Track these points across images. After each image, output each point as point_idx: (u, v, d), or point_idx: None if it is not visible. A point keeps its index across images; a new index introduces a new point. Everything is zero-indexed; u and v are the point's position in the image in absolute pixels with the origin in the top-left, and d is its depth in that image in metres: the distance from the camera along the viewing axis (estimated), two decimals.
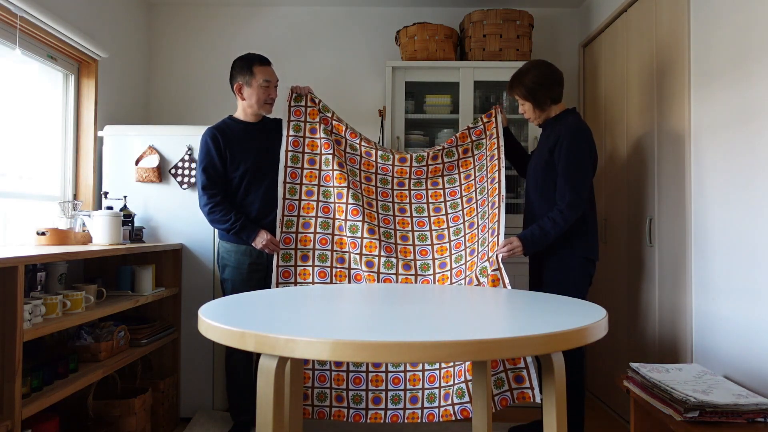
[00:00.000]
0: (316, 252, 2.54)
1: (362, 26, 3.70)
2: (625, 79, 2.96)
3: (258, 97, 2.57)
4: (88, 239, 2.53)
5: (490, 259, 2.34)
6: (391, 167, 2.69)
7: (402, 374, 2.39)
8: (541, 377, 1.49)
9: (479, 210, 2.57)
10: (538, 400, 2.23)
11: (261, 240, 2.48)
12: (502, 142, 2.64)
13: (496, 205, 2.46)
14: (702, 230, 2.24)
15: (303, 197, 2.59)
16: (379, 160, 2.69)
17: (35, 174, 2.66)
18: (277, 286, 2.48)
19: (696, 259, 2.28)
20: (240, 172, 2.56)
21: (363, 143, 2.71)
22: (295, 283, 2.49)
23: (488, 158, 2.65)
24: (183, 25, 3.69)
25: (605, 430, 2.78)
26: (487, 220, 2.49)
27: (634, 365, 2.08)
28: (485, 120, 2.73)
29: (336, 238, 2.56)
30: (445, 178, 2.72)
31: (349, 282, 2.51)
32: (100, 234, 2.47)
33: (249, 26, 3.69)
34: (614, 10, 3.07)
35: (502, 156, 2.59)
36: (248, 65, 2.57)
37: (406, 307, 1.51)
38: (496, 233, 2.40)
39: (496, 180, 2.53)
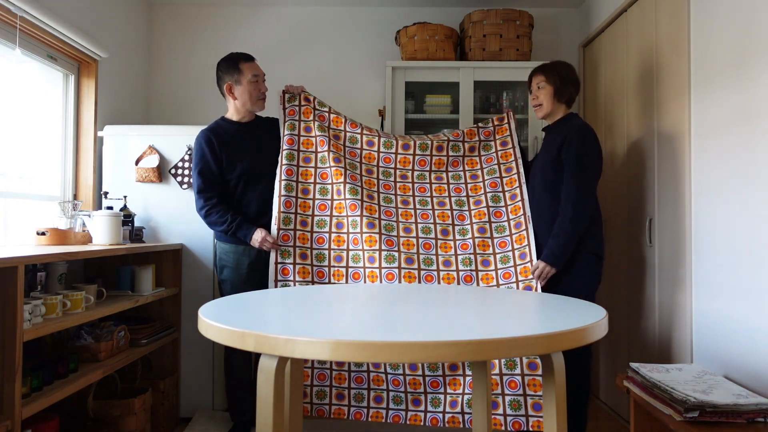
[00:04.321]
0: (314, 251, 2.52)
1: (362, 26, 3.70)
2: (625, 79, 2.96)
3: (250, 93, 2.57)
4: (88, 239, 2.53)
5: (523, 284, 2.40)
6: (393, 156, 2.66)
7: (401, 377, 2.36)
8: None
9: (493, 220, 2.56)
10: None
11: (257, 237, 2.47)
12: (518, 154, 2.65)
13: (523, 226, 2.49)
14: (702, 230, 2.24)
15: (299, 195, 2.58)
16: (381, 149, 2.66)
17: (35, 174, 2.66)
18: (276, 284, 2.47)
19: (696, 259, 2.28)
20: (237, 174, 2.56)
21: (365, 132, 2.69)
22: (294, 282, 2.47)
23: (503, 168, 2.64)
24: (183, 25, 3.69)
25: (605, 430, 2.78)
26: (508, 237, 2.50)
27: (634, 365, 2.08)
28: (496, 123, 2.73)
29: (333, 235, 2.54)
30: (450, 174, 2.69)
31: (347, 281, 2.50)
32: (100, 234, 2.47)
33: (249, 26, 3.69)
34: (614, 10, 3.07)
35: (521, 170, 2.61)
36: (234, 63, 2.56)
37: (407, 307, 1.51)
38: (527, 257, 2.44)
39: (518, 198, 2.55)
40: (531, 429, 2.27)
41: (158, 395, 2.64)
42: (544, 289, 2.43)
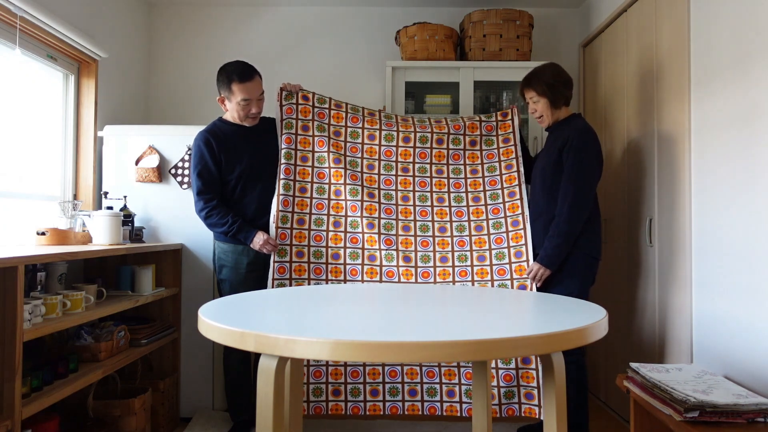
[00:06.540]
0: (311, 249, 2.54)
1: (362, 26, 3.70)
2: (624, 79, 2.96)
3: (238, 113, 2.56)
4: (88, 239, 2.53)
5: (517, 282, 2.43)
6: (394, 149, 2.67)
7: (399, 368, 2.42)
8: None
9: (491, 217, 2.57)
10: (543, 417, 2.30)
11: (258, 240, 2.47)
12: (520, 152, 2.66)
13: (520, 224, 2.50)
14: (702, 230, 2.24)
15: (297, 194, 2.59)
16: (383, 142, 2.67)
17: (35, 174, 2.66)
18: (273, 283, 2.48)
19: (696, 259, 2.28)
20: (235, 175, 2.56)
21: (366, 125, 2.68)
22: (290, 280, 2.49)
23: (503, 165, 2.64)
24: (183, 25, 3.69)
25: (605, 430, 2.78)
26: (504, 234, 2.52)
27: (634, 365, 2.08)
28: (500, 118, 2.72)
29: (331, 234, 2.56)
30: (450, 167, 2.69)
31: (344, 278, 2.51)
32: (100, 234, 2.47)
33: (249, 26, 3.69)
34: (614, 11, 3.07)
35: (521, 168, 2.61)
36: (228, 82, 2.49)
37: (406, 307, 1.51)
38: (523, 256, 2.46)
39: (517, 196, 2.56)
40: (524, 415, 2.38)
41: (158, 395, 2.64)
42: (539, 289, 2.44)
